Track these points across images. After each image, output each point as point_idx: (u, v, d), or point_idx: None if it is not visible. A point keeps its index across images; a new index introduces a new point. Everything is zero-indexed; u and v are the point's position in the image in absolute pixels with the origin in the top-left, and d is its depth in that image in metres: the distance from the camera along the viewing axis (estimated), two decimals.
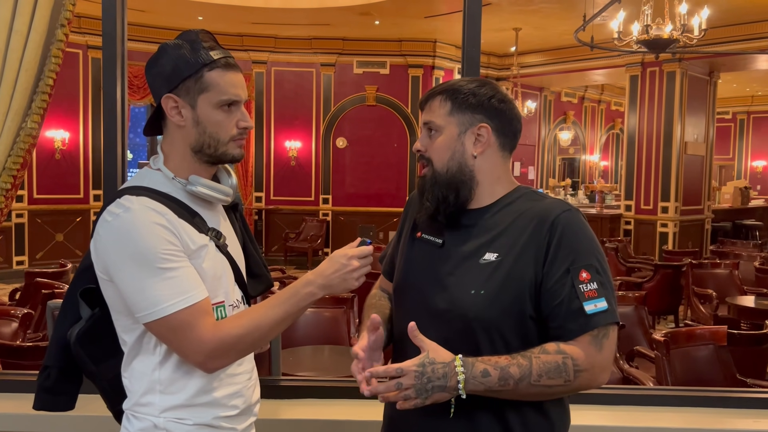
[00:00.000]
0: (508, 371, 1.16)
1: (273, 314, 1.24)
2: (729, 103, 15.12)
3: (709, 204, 10.29)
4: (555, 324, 1.22)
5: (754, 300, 5.16)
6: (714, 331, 3.03)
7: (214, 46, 1.30)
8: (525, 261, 1.23)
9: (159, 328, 1.21)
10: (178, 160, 1.32)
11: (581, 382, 1.20)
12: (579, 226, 1.26)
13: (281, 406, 2.09)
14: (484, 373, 1.16)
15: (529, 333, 1.24)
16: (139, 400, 1.29)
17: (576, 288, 1.20)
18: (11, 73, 2.06)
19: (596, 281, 1.21)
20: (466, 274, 1.27)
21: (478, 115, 1.30)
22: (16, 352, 2.83)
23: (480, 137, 1.30)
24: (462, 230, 1.32)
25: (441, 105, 1.32)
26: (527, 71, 11.30)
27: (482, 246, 1.28)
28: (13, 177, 2.15)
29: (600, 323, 1.20)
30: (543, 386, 1.18)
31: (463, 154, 1.31)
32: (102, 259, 1.24)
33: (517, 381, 1.17)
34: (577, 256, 1.22)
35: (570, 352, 1.19)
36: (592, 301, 1.20)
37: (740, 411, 2.14)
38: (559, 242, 1.22)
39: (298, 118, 10.68)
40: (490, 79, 1.38)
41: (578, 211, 1.29)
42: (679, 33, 5.89)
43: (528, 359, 1.18)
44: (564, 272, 1.21)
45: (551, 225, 1.23)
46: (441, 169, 1.31)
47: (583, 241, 1.24)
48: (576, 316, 1.20)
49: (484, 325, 1.23)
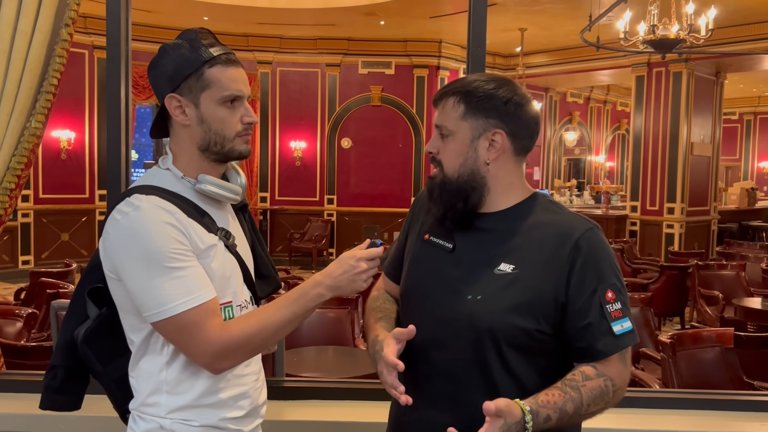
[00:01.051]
0: (565, 410, 1.16)
1: (281, 315, 1.23)
2: (735, 103, 15.06)
3: (715, 205, 10.25)
4: (582, 344, 1.21)
5: (760, 302, 5.13)
6: (721, 333, 3.01)
7: (214, 43, 1.29)
8: (545, 277, 1.21)
9: (166, 328, 1.21)
10: (186, 159, 1.32)
11: (616, 399, 1.21)
12: (602, 245, 1.24)
13: (285, 407, 2.09)
14: (546, 419, 1.14)
15: (539, 347, 1.22)
16: (146, 401, 1.28)
17: (603, 309, 1.20)
18: (15, 73, 2.06)
19: (620, 301, 1.21)
20: (479, 283, 1.24)
21: (492, 120, 1.24)
22: (20, 351, 2.83)
23: (494, 143, 1.25)
24: (474, 235, 1.29)
25: (454, 108, 1.26)
26: (533, 71, 11.27)
27: (498, 255, 1.25)
28: (17, 177, 2.15)
29: (627, 344, 1.21)
30: (589, 413, 1.19)
31: (475, 160, 1.25)
32: (111, 258, 1.23)
33: (571, 416, 1.17)
34: (603, 277, 1.21)
35: (609, 374, 1.20)
36: (618, 322, 1.20)
37: (747, 414, 2.12)
38: (585, 263, 1.20)
39: (303, 119, 10.69)
40: (508, 78, 1.32)
41: (599, 229, 1.27)
42: (686, 33, 5.86)
43: (578, 391, 1.17)
44: (591, 293, 1.20)
45: (575, 245, 1.21)
46: (452, 175, 1.27)
47: (607, 261, 1.23)
48: (604, 337, 1.20)
49: (495, 336, 1.21)
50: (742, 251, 7.65)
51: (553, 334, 1.22)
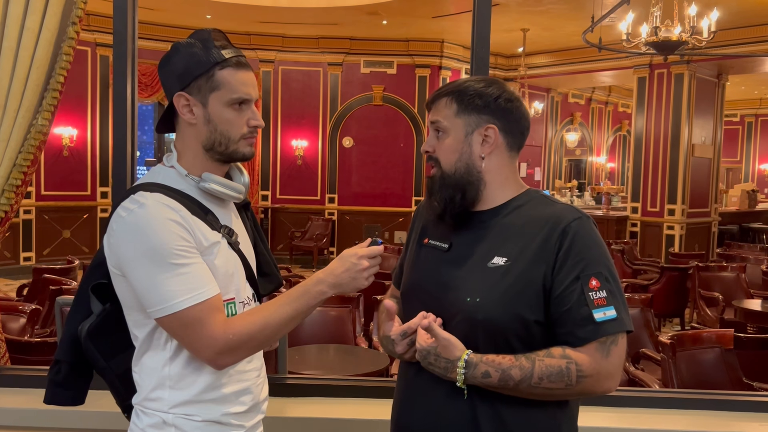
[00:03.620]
0: (509, 373, 1.20)
1: (283, 312, 1.25)
2: (737, 105, 15.06)
3: (716, 207, 10.25)
4: (563, 330, 1.22)
5: (760, 303, 5.13)
6: (721, 335, 3.02)
7: (226, 45, 1.31)
8: (534, 266, 1.23)
9: (170, 324, 1.22)
10: (190, 157, 1.33)
11: (584, 387, 1.21)
12: (590, 233, 1.26)
13: (287, 404, 2.10)
14: (484, 375, 1.21)
15: (534, 338, 1.24)
16: (149, 395, 1.29)
17: (585, 295, 1.21)
18: (23, 70, 2.07)
19: (606, 289, 1.22)
20: (473, 278, 1.27)
21: (484, 116, 1.30)
22: (24, 347, 2.85)
23: (487, 138, 1.30)
24: (470, 233, 1.32)
25: (447, 106, 1.32)
26: (534, 72, 11.28)
27: (491, 250, 1.28)
28: (23, 174, 2.16)
29: (609, 332, 1.21)
30: (543, 389, 1.20)
31: (470, 155, 1.31)
32: (115, 254, 1.25)
33: (517, 383, 1.20)
34: (587, 264, 1.22)
35: (575, 358, 1.20)
36: (601, 309, 1.21)
37: (746, 414, 2.13)
38: (569, 249, 1.22)
39: (305, 117, 10.69)
40: (497, 78, 1.38)
41: (589, 219, 1.29)
42: (689, 35, 5.87)
43: (531, 361, 1.20)
44: (574, 279, 1.21)
45: (562, 232, 1.24)
46: (449, 170, 1.31)
47: (594, 249, 1.25)
48: (585, 324, 1.21)
49: (490, 329, 1.23)
50: (743, 253, 7.66)
51: (546, 324, 1.24)
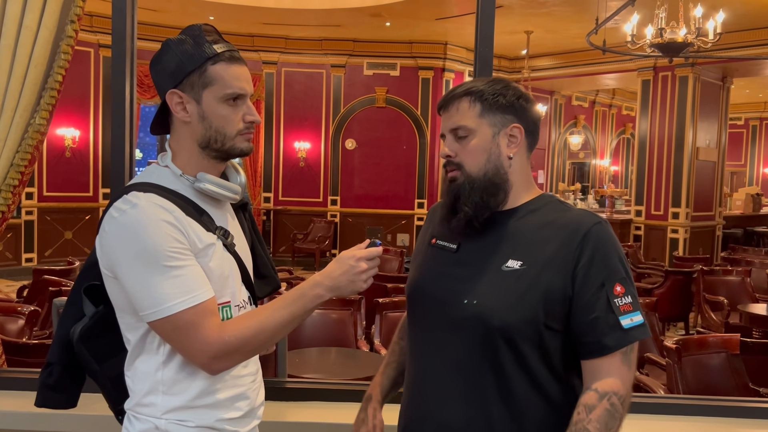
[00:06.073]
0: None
1: (279, 316, 1.21)
2: (741, 108, 15.01)
3: (720, 210, 10.21)
4: (589, 339, 1.19)
5: (766, 308, 5.09)
6: (727, 339, 2.99)
7: (218, 39, 1.27)
8: (553, 272, 1.20)
9: (163, 328, 1.19)
10: (185, 156, 1.30)
11: (627, 407, 1.19)
12: (611, 238, 1.24)
13: (287, 408, 2.07)
14: None
15: (547, 344, 1.21)
16: (141, 401, 1.26)
17: (611, 302, 1.18)
18: (20, 69, 2.05)
19: (630, 295, 1.20)
20: (484, 281, 1.24)
21: (509, 116, 1.28)
22: (21, 349, 2.82)
23: (513, 138, 1.28)
24: (480, 234, 1.28)
25: (470, 107, 1.27)
26: (538, 74, 11.26)
27: (505, 253, 1.24)
28: (20, 173, 2.14)
29: (637, 338, 1.19)
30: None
31: (499, 155, 1.27)
32: (107, 256, 1.22)
33: None
34: (611, 270, 1.20)
35: (610, 388, 1.17)
36: (628, 315, 1.18)
37: (753, 421, 2.10)
38: (592, 256, 1.20)
39: (307, 119, 10.69)
40: (507, 79, 1.35)
41: (608, 224, 1.26)
42: (694, 37, 5.83)
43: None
44: (599, 286, 1.19)
45: (583, 238, 1.21)
46: (477, 174, 1.27)
47: (615, 255, 1.22)
48: (612, 331, 1.18)
49: (505, 333, 1.20)
50: (747, 257, 7.61)
51: (562, 331, 1.21)
